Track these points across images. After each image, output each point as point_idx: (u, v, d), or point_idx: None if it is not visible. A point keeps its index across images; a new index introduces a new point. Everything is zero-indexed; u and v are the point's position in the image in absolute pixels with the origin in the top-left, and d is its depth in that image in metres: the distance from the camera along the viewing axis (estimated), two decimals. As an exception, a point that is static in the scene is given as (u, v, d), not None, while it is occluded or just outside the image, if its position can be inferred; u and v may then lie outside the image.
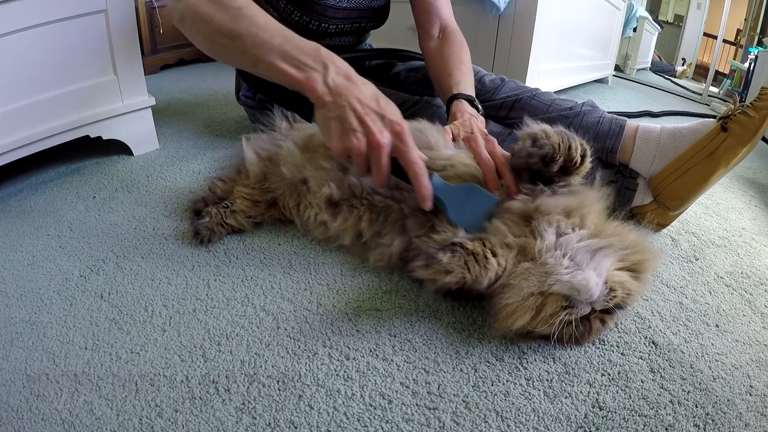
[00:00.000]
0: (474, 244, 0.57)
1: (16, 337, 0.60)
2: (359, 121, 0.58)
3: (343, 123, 0.59)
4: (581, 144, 0.62)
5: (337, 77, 0.60)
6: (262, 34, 0.62)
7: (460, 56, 0.94)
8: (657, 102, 2.18)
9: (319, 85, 0.59)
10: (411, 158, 0.60)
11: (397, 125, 0.59)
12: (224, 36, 0.63)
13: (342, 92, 0.59)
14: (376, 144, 0.58)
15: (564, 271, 0.56)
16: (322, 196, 0.75)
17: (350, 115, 0.58)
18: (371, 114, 0.59)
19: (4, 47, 0.87)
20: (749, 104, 0.78)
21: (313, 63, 0.60)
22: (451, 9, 1.02)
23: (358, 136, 0.58)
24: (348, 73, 0.61)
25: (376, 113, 0.59)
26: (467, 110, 0.83)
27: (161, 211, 0.89)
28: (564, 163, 0.61)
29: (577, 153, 0.61)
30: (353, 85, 0.60)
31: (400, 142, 0.59)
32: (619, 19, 2.30)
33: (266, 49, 0.61)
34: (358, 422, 0.50)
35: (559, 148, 0.60)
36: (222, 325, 0.62)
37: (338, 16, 0.99)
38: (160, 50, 2.15)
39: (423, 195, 0.61)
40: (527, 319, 0.56)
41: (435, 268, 0.56)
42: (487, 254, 0.57)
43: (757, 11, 2.90)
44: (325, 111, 0.60)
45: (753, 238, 0.90)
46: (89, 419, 0.49)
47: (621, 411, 0.51)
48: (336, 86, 0.59)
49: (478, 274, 0.56)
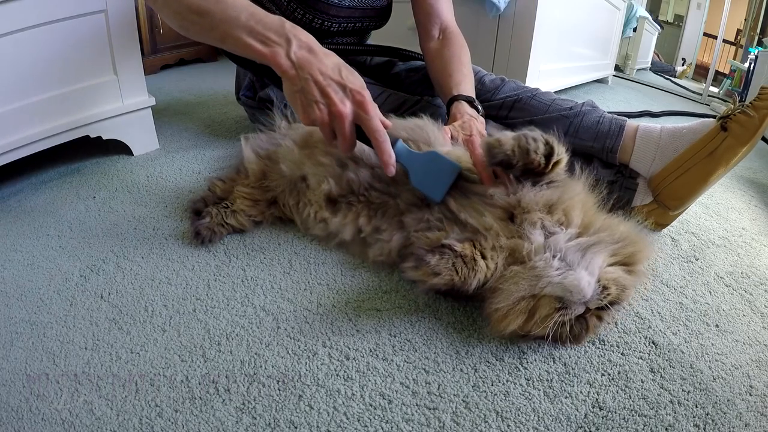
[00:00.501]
0: (464, 246, 0.58)
1: (16, 337, 0.60)
2: (321, 93, 0.61)
3: (306, 95, 0.61)
4: (544, 144, 0.61)
5: (299, 51, 0.62)
6: (229, 11, 0.63)
7: (461, 57, 0.94)
8: (657, 102, 2.18)
9: (283, 59, 0.61)
10: (373, 125, 0.62)
11: (358, 94, 0.62)
12: (193, 12, 0.65)
13: (304, 65, 0.61)
14: (338, 114, 0.61)
15: (555, 273, 0.56)
16: (321, 193, 0.75)
17: (312, 87, 0.61)
18: (333, 85, 0.61)
19: (4, 47, 0.87)
20: (749, 104, 0.78)
21: (277, 38, 0.62)
22: (452, 10, 1.02)
23: (321, 107, 0.61)
24: (310, 45, 0.63)
25: (338, 84, 0.61)
26: (467, 111, 0.83)
27: (161, 211, 0.89)
28: (525, 167, 0.61)
29: (538, 155, 0.60)
30: (315, 57, 0.62)
31: (362, 111, 0.62)
32: (619, 19, 2.30)
33: (233, 24, 0.63)
34: (358, 422, 0.50)
35: (514, 153, 0.60)
36: (222, 325, 0.62)
37: (341, 14, 0.99)
38: (160, 50, 2.15)
39: (385, 161, 0.63)
40: (520, 323, 0.56)
41: (424, 270, 0.56)
42: (476, 256, 0.57)
43: (757, 11, 2.90)
44: (290, 84, 0.62)
45: (753, 238, 0.90)
46: (89, 419, 0.49)
47: (621, 411, 0.51)
48: (298, 59, 0.61)
49: (466, 276, 0.57)
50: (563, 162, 0.63)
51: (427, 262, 0.56)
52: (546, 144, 0.61)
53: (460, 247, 0.57)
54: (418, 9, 1.01)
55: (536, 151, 0.60)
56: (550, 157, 0.61)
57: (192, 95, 1.74)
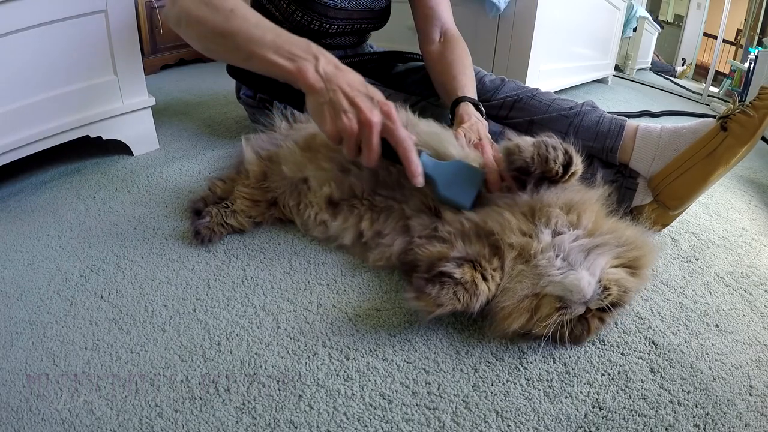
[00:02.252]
0: (463, 271, 0.57)
1: (16, 337, 0.60)
2: (350, 103, 0.61)
3: (334, 106, 0.61)
4: (564, 154, 0.61)
5: (327, 66, 0.63)
6: (254, 30, 0.65)
7: (464, 60, 0.95)
8: (657, 102, 2.18)
9: (311, 73, 0.62)
10: (400, 135, 0.62)
11: (385, 105, 0.62)
12: (218, 35, 0.67)
13: (332, 78, 0.62)
14: (367, 122, 0.61)
15: (556, 272, 0.56)
16: (323, 196, 0.75)
17: (341, 97, 0.61)
18: (360, 96, 0.62)
19: (4, 47, 0.87)
20: (749, 104, 0.78)
21: (305, 54, 0.64)
22: (451, 12, 1.02)
23: (350, 116, 0.61)
24: (336, 63, 0.65)
25: (366, 95, 0.62)
26: (473, 114, 0.84)
27: (161, 211, 0.89)
28: (542, 174, 0.61)
29: (557, 164, 0.60)
30: (342, 72, 0.64)
31: (390, 121, 0.62)
32: (619, 19, 2.30)
33: (259, 44, 0.64)
34: (358, 422, 0.50)
35: (533, 161, 0.60)
36: (222, 325, 0.62)
37: (339, 16, 0.99)
38: (160, 50, 2.15)
39: (413, 171, 0.62)
40: (523, 321, 0.56)
41: (426, 301, 0.56)
42: (477, 280, 0.57)
43: (757, 11, 2.90)
44: (318, 97, 0.62)
45: (753, 238, 0.90)
46: (89, 419, 0.49)
47: (621, 411, 0.51)
48: (326, 73, 0.63)
49: (468, 302, 0.56)
50: (579, 173, 0.64)
51: (428, 294, 0.56)
52: (565, 153, 0.61)
53: (459, 274, 0.56)
54: (418, 12, 1.01)
55: (555, 160, 0.60)
56: (568, 167, 0.62)
57: (192, 95, 1.74)
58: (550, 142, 0.61)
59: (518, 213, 0.62)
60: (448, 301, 0.55)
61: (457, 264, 0.58)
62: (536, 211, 0.61)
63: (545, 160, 0.60)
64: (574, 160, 0.62)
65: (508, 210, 0.62)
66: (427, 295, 0.56)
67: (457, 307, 0.56)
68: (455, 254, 0.60)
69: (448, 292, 0.56)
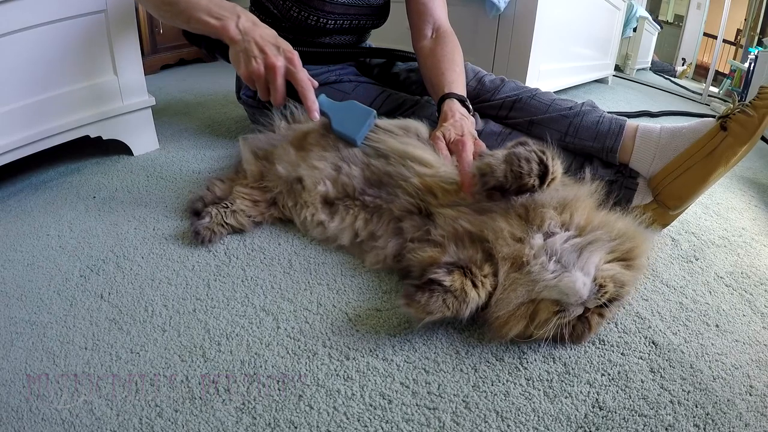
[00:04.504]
0: (453, 279, 0.57)
1: (16, 337, 0.60)
2: (259, 50, 0.74)
3: (247, 53, 0.75)
4: (538, 164, 0.60)
5: (246, 22, 0.76)
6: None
7: (453, 57, 0.94)
8: (657, 102, 2.18)
9: (232, 28, 0.76)
10: (300, 77, 0.75)
11: (289, 52, 0.76)
12: (167, 3, 0.80)
13: (248, 31, 0.76)
14: (272, 65, 0.74)
15: (550, 276, 0.56)
16: (317, 195, 0.76)
17: (253, 46, 0.74)
18: (269, 45, 0.75)
19: (4, 47, 0.87)
20: (748, 103, 0.78)
21: (229, 14, 0.77)
22: (445, 10, 1.02)
23: (258, 61, 0.74)
24: (254, 20, 0.78)
25: (273, 45, 0.75)
26: (458, 110, 0.83)
27: (161, 211, 0.89)
28: (518, 188, 0.61)
29: (531, 177, 0.60)
30: (257, 27, 0.77)
31: (292, 65, 0.75)
32: (619, 19, 2.30)
33: (195, 8, 0.77)
34: (358, 422, 0.50)
35: (507, 179, 0.60)
36: (222, 325, 0.62)
37: (336, 11, 0.99)
38: (160, 50, 2.15)
39: (309, 107, 0.75)
40: (521, 327, 0.56)
41: (416, 308, 0.56)
42: (467, 287, 0.57)
43: (757, 11, 2.89)
44: (236, 46, 0.76)
45: (753, 238, 0.90)
46: (89, 419, 0.49)
47: (621, 411, 0.51)
48: (244, 28, 0.76)
49: (458, 309, 0.56)
50: (558, 178, 0.63)
51: (417, 301, 0.56)
52: (540, 163, 0.60)
53: (449, 281, 0.56)
54: (411, 8, 1.01)
55: (530, 174, 0.59)
56: (544, 177, 0.61)
57: (192, 95, 1.73)
58: (522, 154, 0.59)
59: (513, 216, 0.61)
60: (437, 309, 0.55)
61: (447, 271, 0.57)
62: (530, 212, 0.61)
63: (518, 176, 0.59)
64: (550, 168, 0.61)
65: (503, 215, 0.62)
66: (416, 302, 0.56)
67: (446, 314, 0.56)
68: (446, 259, 0.59)
69: (437, 300, 0.56)
